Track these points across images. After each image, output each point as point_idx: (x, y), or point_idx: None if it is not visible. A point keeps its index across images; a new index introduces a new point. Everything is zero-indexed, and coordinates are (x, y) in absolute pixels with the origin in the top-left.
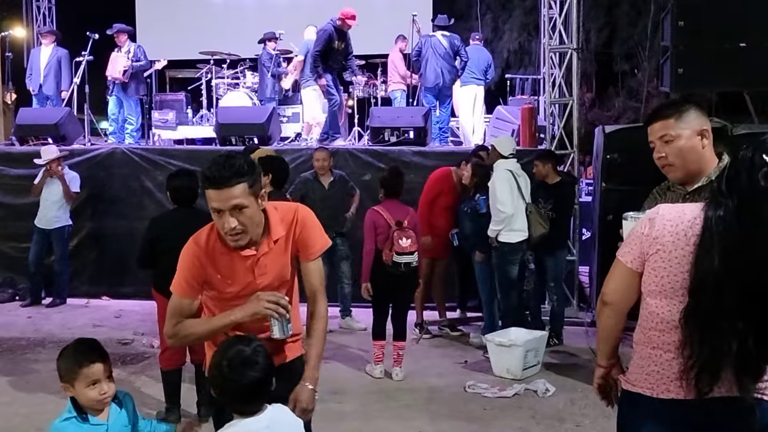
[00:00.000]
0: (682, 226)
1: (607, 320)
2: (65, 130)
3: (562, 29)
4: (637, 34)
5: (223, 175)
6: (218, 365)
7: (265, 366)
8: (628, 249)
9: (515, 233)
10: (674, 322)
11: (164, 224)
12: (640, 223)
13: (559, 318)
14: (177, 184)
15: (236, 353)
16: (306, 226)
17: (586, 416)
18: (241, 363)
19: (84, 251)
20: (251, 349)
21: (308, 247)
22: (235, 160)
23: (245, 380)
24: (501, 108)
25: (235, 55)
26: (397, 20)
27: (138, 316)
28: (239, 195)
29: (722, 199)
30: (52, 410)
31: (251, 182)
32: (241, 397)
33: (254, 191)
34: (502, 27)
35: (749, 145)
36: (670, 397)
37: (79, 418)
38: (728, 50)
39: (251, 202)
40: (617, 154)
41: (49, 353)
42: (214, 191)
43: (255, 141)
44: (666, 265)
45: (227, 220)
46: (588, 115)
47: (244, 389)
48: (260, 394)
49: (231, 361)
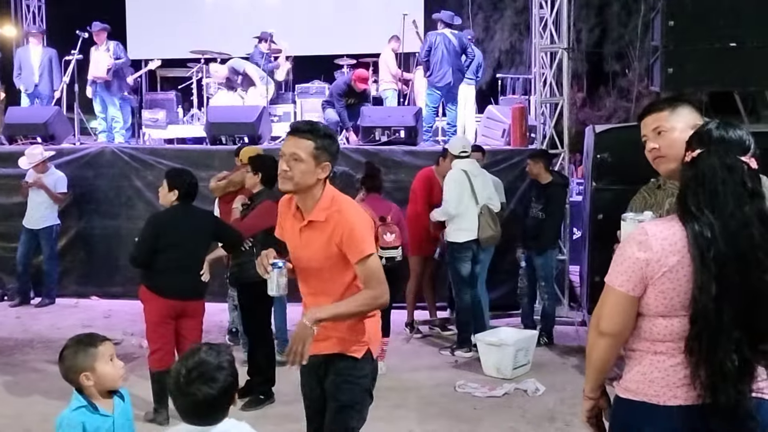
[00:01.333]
0: (681, 244)
1: (605, 352)
2: (54, 129)
3: (552, 29)
4: (628, 33)
5: (299, 127)
6: (176, 373)
7: (224, 384)
8: (626, 277)
9: (463, 232)
10: (684, 333)
11: (166, 221)
12: (631, 248)
13: (550, 317)
14: (183, 179)
15: (197, 364)
16: (348, 233)
17: (575, 415)
18: (199, 376)
19: (73, 251)
20: (216, 364)
21: (349, 252)
22: (319, 124)
23: (199, 395)
24: (492, 107)
25: (226, 54)
26: (389, 19)
27: (127, 316)
28: (301, 148)
29: (701, 215)
30: (41, 411)
31: (317, 145)
32: (192, 410)
33: (316, 155)
34: (493, 27)
35: (711, 152)
36: (677, 403)
37: (89, 408)
38: (718, 50)
39: (308, 160)
40: (608, 154)
41: (38, 353)
42: (288, 137)
43: (245, 140)
44: (675, 285)
45: (283, 163)
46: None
47: (196, 404)
48: (214, 411)
49: (189, 371)
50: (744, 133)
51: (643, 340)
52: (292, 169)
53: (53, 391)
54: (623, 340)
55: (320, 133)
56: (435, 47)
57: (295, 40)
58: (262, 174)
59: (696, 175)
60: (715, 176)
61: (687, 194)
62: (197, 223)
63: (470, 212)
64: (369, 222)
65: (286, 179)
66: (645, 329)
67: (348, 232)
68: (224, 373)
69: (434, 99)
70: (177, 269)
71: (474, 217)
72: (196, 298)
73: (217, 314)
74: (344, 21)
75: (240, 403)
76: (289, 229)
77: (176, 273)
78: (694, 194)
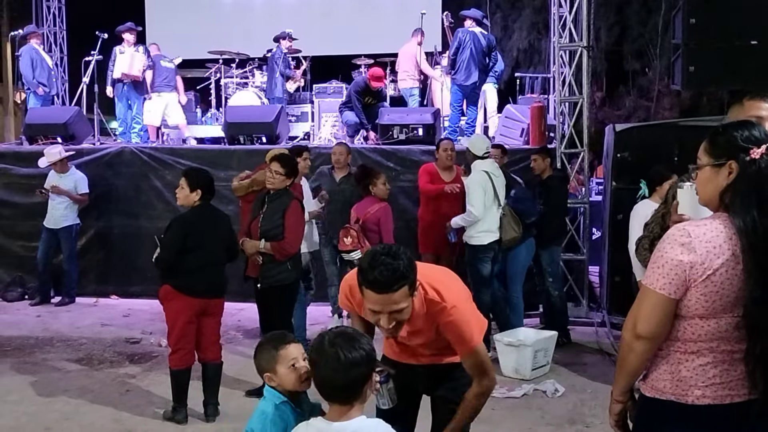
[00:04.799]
0: (726, 246)
1: (641, 355)
2: (74, 129)
3: (572, 27)
4: (648, 32)
5: (387, 281)
6: (320, 341)
7: (367, 352)
8: (668, 279)
9: (485, 234)
10: (720, 333)
11: (194, 221)
12: (674, 249)
13: (563, 314)
14: (205, 179)
15: (340, 332)
16: (452, 330)
17: (596, 417)
18: (344, 340)
19: (92, 250)
20: (358, 344)
21: (455, 346)
22: (398, 261)
23: (342, 359)
24: (510, 107)
25: (244, 55)
26: (406, 19)
27: (146, 315)
28: (399, 299)
29: (742, 209)
30: (60, 409)
31: (410, 283)
32: (335, 387)
33: (412, 291)
34: (511, 26)
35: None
36: (705, 402)
37: (291, 403)
38: (740, 48)
39: (408, 302)
40: (627, 153)
41: (58, 352)
42: (374, 294)
43: (263, 140)
44: (718, 288)
45: (383, 319)
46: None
47: (339, 370)
48: (355, 387)
49: (332, 338)
50: None
51: (674, 339)
52: (398, 321)
53: (72, 390)
54: (660, 343)
55: (406, 271)
56: (464, 45)
57: (312, 40)
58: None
59: (748, 178)
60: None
61: (735, 194)
62: (218, 223)
63: (493, 213)
64: (468, 303)
65: (392, 332)
66: (679, 329)
67: (455, 334)
68: (365, 339)
69: (458, 98)
70: (203, 268)
71: (496, 219)
72: (220, 296)
73: (235, 313)
74: (362, 21)
75: None
76: (372, 321)
77: (203, 272)
78: (746, 195)
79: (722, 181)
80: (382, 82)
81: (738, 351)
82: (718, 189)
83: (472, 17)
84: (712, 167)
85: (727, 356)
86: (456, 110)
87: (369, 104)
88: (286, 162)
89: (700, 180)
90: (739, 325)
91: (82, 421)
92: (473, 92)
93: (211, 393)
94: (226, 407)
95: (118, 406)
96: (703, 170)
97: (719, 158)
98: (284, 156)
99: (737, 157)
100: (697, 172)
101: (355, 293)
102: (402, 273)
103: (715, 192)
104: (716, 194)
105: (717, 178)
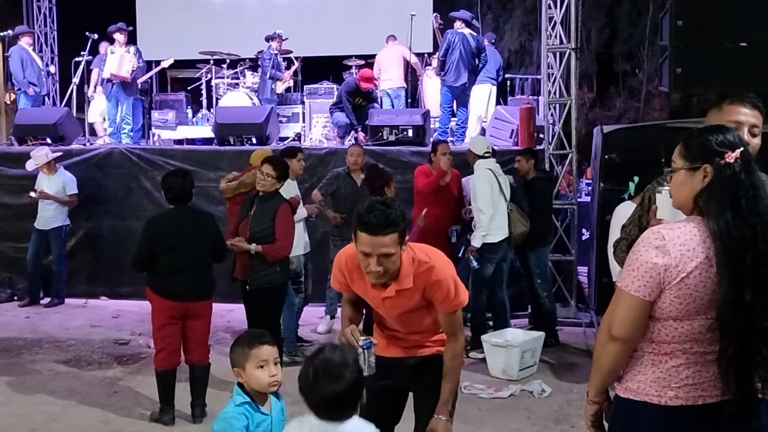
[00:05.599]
0: (700, 249)
1: (615, 357)
2: (64, 130)
3: (561, 29)
4: (638, 33)
5: (379, 223)
6: (305, 371)
7: (351, 381)
8: (642, 282)
9: (495, 232)
10: (693, 335)
11: (161, 224)
12: (648, 252)
13: (551, 315)
14: (170, 183)
15: (323, 362)
16: (440, 288)
17: (582, 417)
18: (325, 374)
19: (82, 251)
20: (340, 361)
21: (439, 305)
22: (391, 210)
23: (327, 391)
24: (500, 108)
25: (235, 55)
26: (397, 20)
27: (136, 316)
28: (389, 243)
29: (717, 213)
30: (47, 410)
31: (401, 232)
32: (321, 406)
33: (401, 240)
34: (502, 27)
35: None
36: (678, 404)
37: (252, 405)
38: (728, 49)
39: (397, 250)
40: (615, 155)
41: (47, 353)
42: (367, 236)
43: (253, 141)
44: (692, 291)
45: (372, 262)
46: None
47: (325, 400)
48: (342, 407)
49: (316, 369)
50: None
51: (648, 341)
52: (385, 267)
53: (60, 392)
54: (634, 345)
55: (397, 218)
56: (453, 47)
57: (304, 41)
58: (281, 175)
59: (723, 182)
60: (737, 182)
61: (710, 198)
62: (196, 225)
63: (501, 211)
64: (453, 269)
65: (380, 276)
66: (653, 331)
67: (442, 292)
68: (349, 369)
69: (448, 99)
70: (176, 271)
71: (505, 216)
72: (200, 299)
73: (225, 314)
74: (353, 22)
75: None
76: (362, 289)
77: (176, 275)
78: (720, 199)
79: (697, 184)
80: (373, 83)
81: (711, 352)
82: (692, 192)
83: (461, 18)
84: (687, 171)
85: (700, 357)
86: (446, 111)
87: (359, 105)
88: (278, 165)
89: (674, 183)
90: (712, 327)
91: (69, 422)
92: (463, 93)
93: (198, 394)
94: (213, 408)
95: (106, 407)
96: (678, 173)
97: (694, 162)
98: (276, 159)
99: (712, 161)
100: (672, 175)
101: (348, 263)
102: (393, 220)
103: (689, 195)
104: (690, 197)
105: (692, 181)
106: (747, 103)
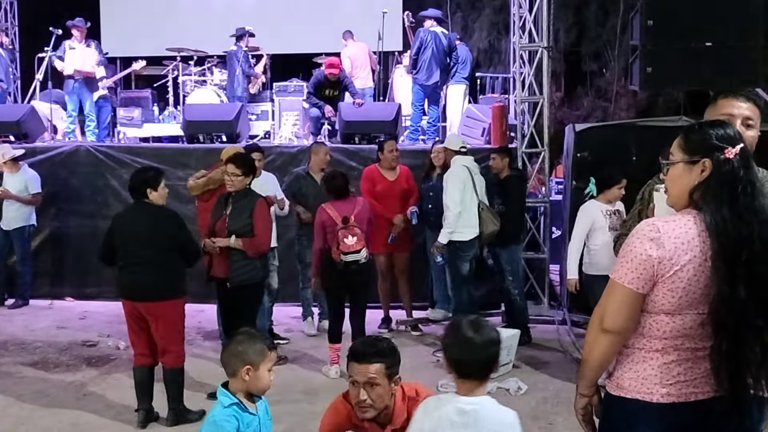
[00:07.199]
0: (696, 242)
1: (607, 349)
2: (27, 127)
3: (532, 28)
4: (606, 33)
5: (366, 352)
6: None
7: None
8: (636, 274)
9: (467, 230)
10: (685, 330)
11: (118, 218)
12: (642, 245)
13: (523, 313)
14: (142, 175)
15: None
16: None
17: (558, 414)
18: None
19: (47, 251)
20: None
21: None
22: (381, 342)
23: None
24: (471, 107)
25: (203, 52)
26: (367, 18)
27: (103, 317)
28: (375, 373)
29: (714, 207)
30: (15, 414)
31: (389, 364)
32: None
33: (390, 373)
34: (471, 26)
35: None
36: (670, 401)
37: (240, 406)
38: (696, 49)
39: (384, 383)
40: (587, 153)
41: (12, 356)
42: (355, 364)
43: (223, 139)
44: (685, 284)
45: (360, 392)
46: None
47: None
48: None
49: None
50: None
51: (640, 336)
52: (371, 398)
53: (27, 394)
54: (626, 338)
55: (384, 350)
56: (426, 45)
57: (272, 39)
58: (247, 171)
59: (721, 176)
60: (736, 178)
61: (707, 192)
62: (153, 223)
63: (473, 209)
64: None
65: (368, 409)
66: (645, 325)
67: None
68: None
69: (420, 98)
70: (125, 268)
71: (476, 214)
72: (153, 300)
73: (195, 315)
74: (322, 19)
75: None
76: None
77: (126, 273)
78: (717, 194)
79: (694, 178)
80: (337, 69)
81: (701, 348)
82: (689, 186)
83: (431, 17)
84: (685, 164)
85: (691, 354)
86: (417, 110)
87: (331, 97)
88: (242, 162)
89: (671, 176)
90: (704, 323)
91: (38, 425)
92: (434, 92)
93: (170, 398)
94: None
95: (76, 410)
96: (675, 166)
97: (693, 155)
98: (239, 156)
99: (711, 155)
100: (668, 168)
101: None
102: (379, 350)
103: (685, 189)
104: (686, 191)
105: (689, 175)
106: (741, 96)
